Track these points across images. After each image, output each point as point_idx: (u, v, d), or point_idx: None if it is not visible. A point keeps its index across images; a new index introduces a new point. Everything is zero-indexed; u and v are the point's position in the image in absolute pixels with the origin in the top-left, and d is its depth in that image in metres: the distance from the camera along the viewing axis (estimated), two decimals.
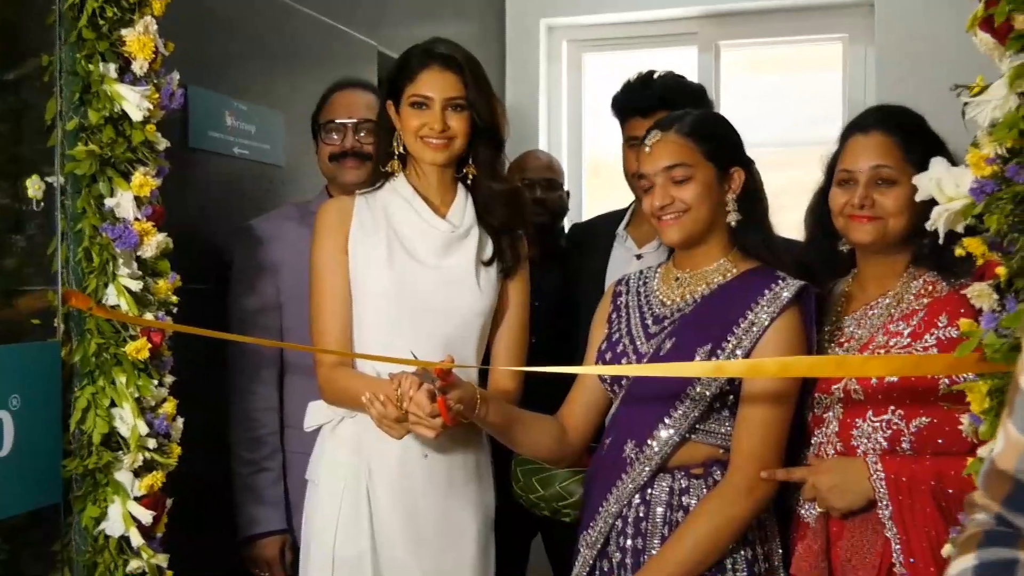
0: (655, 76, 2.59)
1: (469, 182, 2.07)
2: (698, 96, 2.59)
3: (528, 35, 4.24)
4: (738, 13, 4.10)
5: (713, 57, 4.18)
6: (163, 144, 1.83)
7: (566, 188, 3.28)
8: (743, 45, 4.23)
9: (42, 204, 1.76)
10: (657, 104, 2.48)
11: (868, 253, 1.86)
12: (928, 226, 1.57)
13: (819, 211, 1.93)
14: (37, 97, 1.78)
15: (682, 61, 4.18)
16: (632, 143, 2.55)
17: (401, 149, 2.05)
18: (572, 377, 2.03)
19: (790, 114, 4.25)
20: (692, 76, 4.12)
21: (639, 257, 2.59)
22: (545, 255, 2.84)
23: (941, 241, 1.56)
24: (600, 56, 4.40)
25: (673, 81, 2.59)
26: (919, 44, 3.69)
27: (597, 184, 4.41)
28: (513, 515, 2.51)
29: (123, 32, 1.76)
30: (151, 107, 1.77)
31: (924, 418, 1.69)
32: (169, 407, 1.83)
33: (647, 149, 1.86)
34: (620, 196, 2.82)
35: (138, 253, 1.80)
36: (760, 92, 4.27)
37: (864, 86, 3.98)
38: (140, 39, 1.74)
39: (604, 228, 2.75)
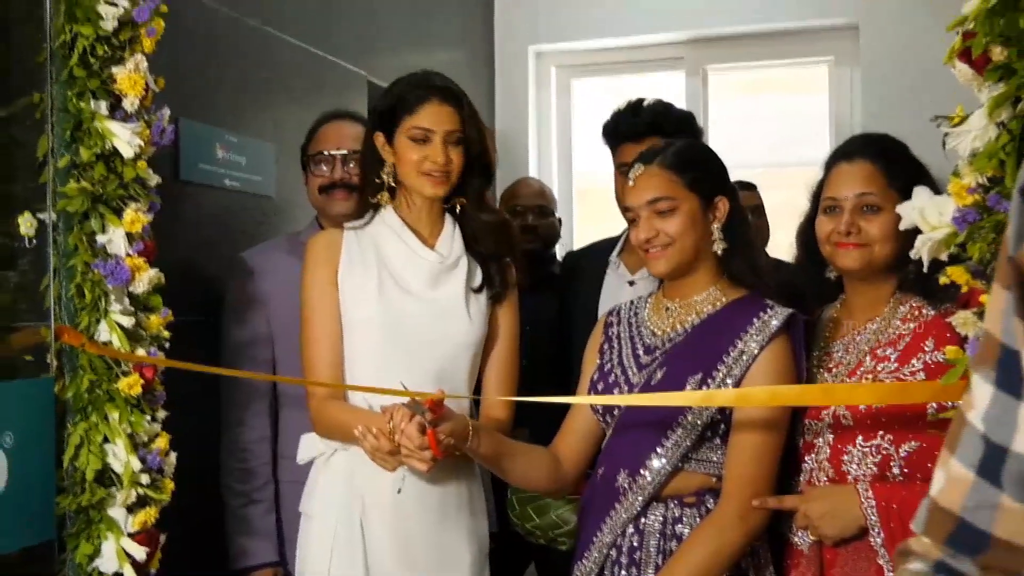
0: (644, 104, 2.62)
1: (457, 211, 2.09)
2: (686, 123, 2.62)
3: (517, 61, 4.27)
4: (725, 37, 4.14)
5: (701, 81, 4.21)
6: (154, 180, 1.84)
7: (558, 215, 3.30)
8: (730, 69, 4.26)
9: (34, 241, 1.77)
10: (647, 131, 2.51)
11: (855, 280, 1.88)
12: (912, 255, 1.59)
13: (806, 238, 1.94)
14: (28, 135, 1.80)
15: (670, 85, 4.21)
16: (623, 169, 2.58)
17: (391, 181, 2.06)
18: (566, 404, 2.04)
19: (778, 136, 4.29)
20: (680, 100, 4.19)
21: (632, 284, 2.61)
22: (537, 282, 2.86)
23: (925, 269, 1.57)
24: (589, 81, 4.43)
25: (662, 108, 2.62)
26: (904, 67, 3.73)
27: (586, 210, 4.43)
28: (508, 544, 2.51)
29: (114, 70, 1.77)
30: (142, 143, 1.78)
31: (913, 443, 1.70)
32: (162, 442, 1.83)
33: (631, 182, 1.88)
34: (609, 222, 2.84)
35: (130, 289, 1.80)
36: (748, 115, 4.31)
37: (851, 108, 4.01)
38: (131, 77, 1.76)
39: (597, 255, 2.77)
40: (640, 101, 2.66)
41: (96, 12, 1.72)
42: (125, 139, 1.75)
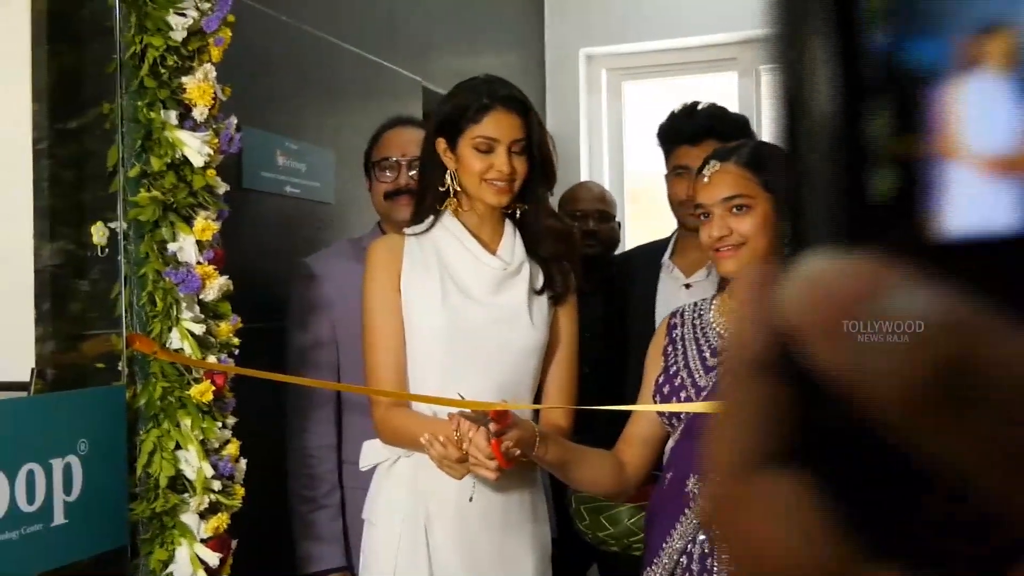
0: (699, 106, 2.61)
1: (517, 217, 2.08)
2: (742, 126, 2.60)
3: (568, 65, 4.26)
4: None
5: (754, 82, 4.17)
6: (223, 188, 1.86)
7: (617, 219, 3.29)
8: None
9: (106, 250, 1.79)
10: (703, 133, 2.49)
11: None
12: None
13: None
14: (98, 145, 1.82)
15: (723, 87, 4.18)
16: (679, 171, 2.56)
17: (456, 187, 2.05)
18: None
19: None
20: (733, 101, 4.17)
21: (688, 287, 2.59)
22: (598, 286, 2.85)
23: None
24: (640, 84, 4.41)
25: (718, 111, 2.61)
26: None
27: (638, 212, 4.41)
28: (568, 546, 2.50)
29: (183, 80, 1.79)
30: (211, 152, 1.80)
31: None
32: (232, 449, 1.85)
33: (705, 179, 1.86)
34: (660, 224, 2.82)
35: (200, 296, 1.82)
36: None
37: None
38: (200, 86, 1.77)
39: (648, 258, 2.75)
40: (695, 104, 2.65)
41: (166, 23, 1.74)
42: (195, 148, 1.76)
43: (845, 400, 0.24)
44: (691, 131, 2.55)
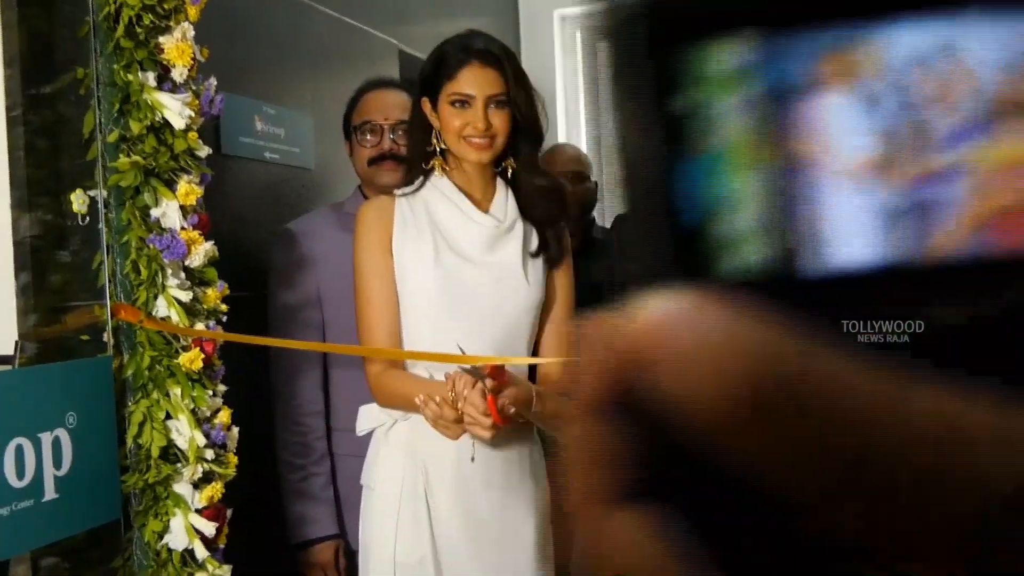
0: None
1: (509, 176, 2.05)
2: None
3: (542, 26, 4.21)
4: None
5: None
6: (205, 151, 1.81)
7: (594, 179, 3.26)
8: None
9: (87, 218, 1.74)
10: None
11: None
12: None
13: None
14: (74, 110, 1.77)
15: None
16: None
17: (441, 146, 2.02)
18: None
19: None
20: None
21: None
22: (578, 247, 2.82)
23: None
24: None
25: None
26: None
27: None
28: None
29: (161, 40, 1.74)
30: (192, 114, 1.75)
31: None
32: (224, 416, 1.82)
33: None
34: None
35: (186, 263, 1.78)
36: None
37: None
38: (179, 46, 1.72)
39: None
40: None
41: None
42: (176, 110, 1.72)
43: (681, 430, 0.24)
44: None
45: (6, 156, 1.76)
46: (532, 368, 2.06)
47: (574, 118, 4.35)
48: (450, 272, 1.95)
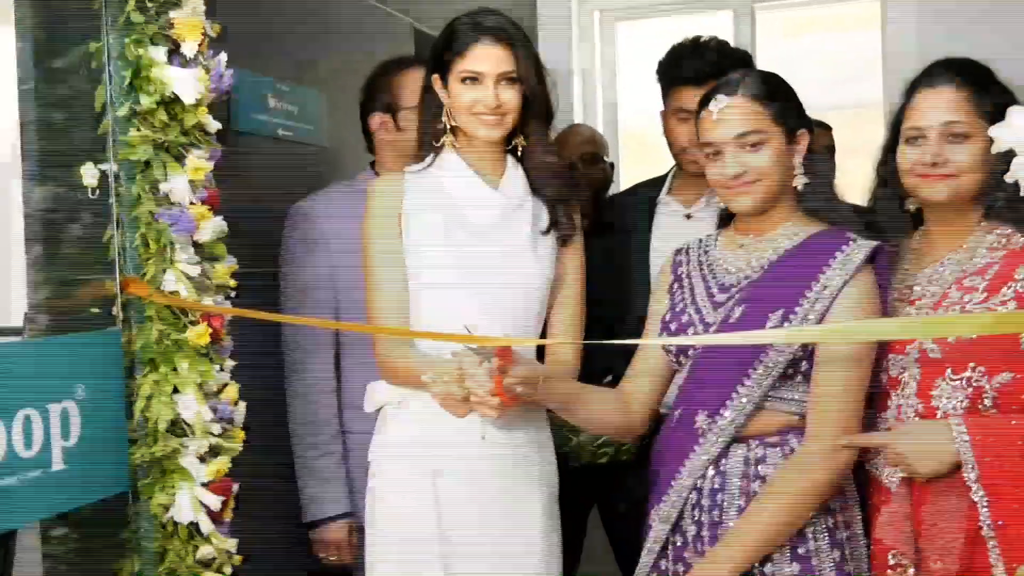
0: (705, 42, 2.52)
1: (519, 153, 2.04)
2: (747, 63, 2.53)
3: (559, 5, 4.18)
4: None
5: (749, 21, 4.11)
6: (215, 126, 1.80)
7: (609, 160, 3.24)
8: (778, 7, 4.15)
9: (97, 192, 1.74)
10: (708, 72, 2.41)
11: (938, 210, 1.81)
12: (1008, 178, 1.53)
13: (885, 168, 1.88)
14: (86, 84, 1.76)
15: (716, 26, 4.11)
16: (682, 115, 2.48)
17: (452, 123, 2.01)
18: (629, 348, 2.00)
19: (827, 76, 4.18)
20: (727, 40, 4.09)
21: (689, 217, 2.54)
22: (592, 228, 2.80)
23: (1023, 193, 1.51)
24: (633, 24, 4.34)
25: (723, 47, 2.53)
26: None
27: (634, 153, 4.36)
28: (568, 489, 2.49)
29: (171, 14, 1.73)
30: (203, 89, 1.75)
31: (1007, 374, 1.65)
32: (231, 392, 1.82)
33: (713, 116, 1.81)
34: (655, 165, 2.77)
35: (194, 237, 1.78)
36: (796, 55, 4.20)
37: (903, 46, 3.88)
38: (189, 21, 1.72)
39: (643, 196, 2.70)
40: (698, 39, 2.57)
41: None
42: (187, 85, 1.71)
43: None
44: (695, 70, 2.46)
45: (18, 129, 1.76)
46: (540, 347, 2.05)
47: (591, 98, 4.32)
48: (460, 248, 1.95)
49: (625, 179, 4.18)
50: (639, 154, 4.29)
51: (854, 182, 2.05)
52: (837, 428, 1.70)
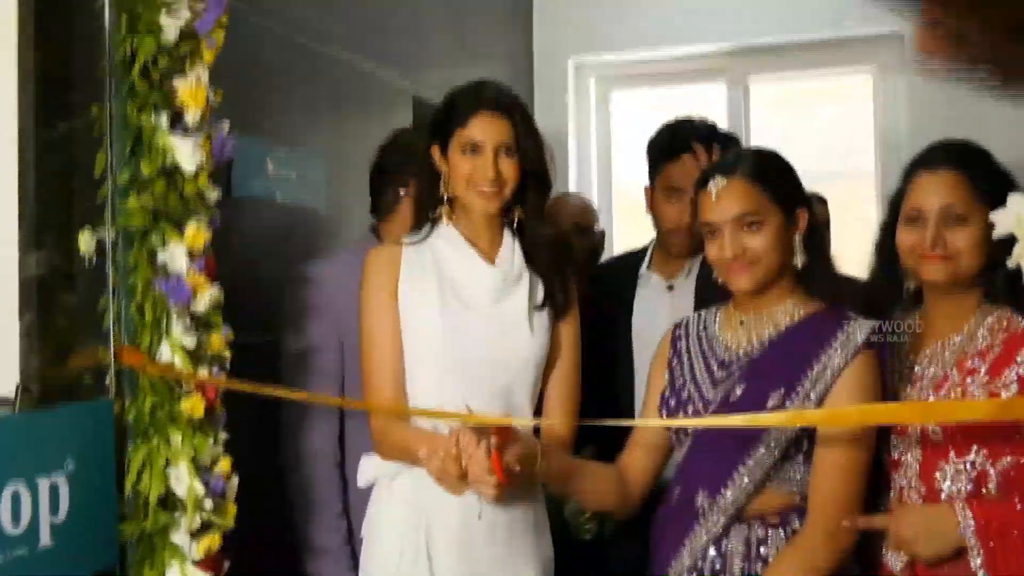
0: (694, 122, 2.54)
1: (515, 225, 2.04)
2: (734, 143, 2.56)
3: (556, 73, 4.23)
4: (766, 48, 4.08)
5: (742, 92, 4.15)
6: (215, 194, 1.80)
7: (600, 228, 3.23)
8: (772, 80, 4.20)
9: (94, 260, 1.73)
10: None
11: (938, 291, 1.81)
12: (1010, 264, 1.53)
13: (884, 248, 1.88)
14: (86, 150, 1.75)
15: (711, 97, 4.16)
16: (671, 194, 2.49)
17: (449, 193, 2.01)
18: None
19: (821, 148, 4.22)
20: (722, 111, 4.14)
21: (671, 288, 2.54)
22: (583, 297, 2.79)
23: None
24: (628, 93, 4.39)
25: (712, 129, 2.55)
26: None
27: (628, 218, 4.37)
28: (564, 565, 2.45)
29: (175, 82, 1.73)
30: (203, 157, 1.74)
31: (1009, 458, 1.63)
32: (224, 465, 1.78)
33: (712, 197, 1.81)
34: (648, 232, 2.77)
35: (191, 307, 1.76)
36: (790, 126, 4.24)
37: (896, 118, 3.94)
38: (193, 89, 1.72)
39: (624, 268, 2.70)
40: (689, 120, 2.59)
41: (157, 24, 1.68)
42: (187, 153, 1.70)
43: None
44: (683, 151, 2.48)
45: (16, 193, 1.75)
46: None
47: (585, 165, 4.35)
48: (456, 321, 1.93)
49: (619, 244, 4.20)
50: (634, 219, 4.31)
51: (847, 253, 2.06)
52: (839, 509, 1.68)
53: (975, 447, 1.66)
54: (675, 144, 2.51)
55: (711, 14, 4.04)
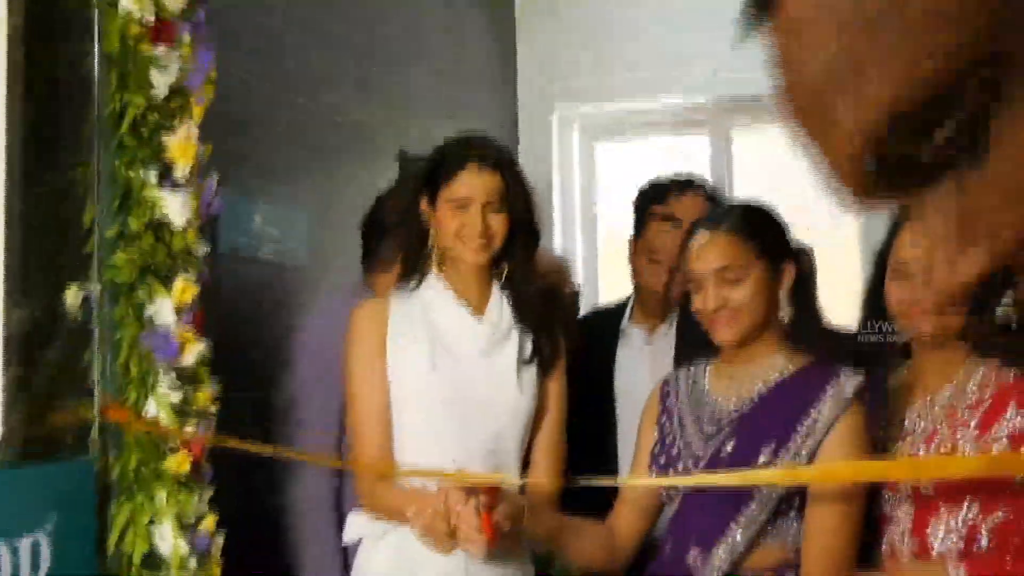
0: (682, 182, 2.57)
1: (504, 278, 2.03)
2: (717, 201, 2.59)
3: (540, 125, 4.25)
4: (749, 99, 4.12)
5: (724, 143, 4.19)
6: (203, 250, 1.79)
7: (575, 287, 3.21)
8: (755, 131, 4.24)
9: (80, 315, 1.71)
10: (682, 213, 2.46)
11: (927, 343, 1.81)
12: (998, 316, 1.54)
13: (873, 301, 1.88)
14: (73, 204, 1.75)
15: (694, 148, 4.19)
16: (652, 255, 2.51)
17: (438, 246, 2.00)
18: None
19: (803, 196, 4.25)
20: (704, 162, 4.18)
21: (650, 345, 2.56)
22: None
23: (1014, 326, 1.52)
24: (612, 144, 4.42)
25: (703, 186, 2.58)
26: None
27: (613, 266, 4.38)
28: None
29: (164, 138, 1.73)
30: (192, 212, 1.74)
31: (1000, 513, 1.63)
32: (209, 523, 1.76)
33: (693, 250, 1.82)
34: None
35: (178, 362, 1.74)
36: (774, 175, 4.27)
37: None
38: (182, 145, 1.72)
39: (603, 322, 2.71)
40: (678, 178, 2.62)
41: (148, 80, 1.68)
42: (176, 208, 1.71)
43: None
44: (669, 212, 2.51)
45: (2, 247, 1.74)
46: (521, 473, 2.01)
47: (569, 216, 4.37)
48: (444, 376, 1.92)
49: (605, 293, 4.20)
50: (618, 269, 4.32)
51: (835, 304, 2.06)
52: (833, 565, 1.67)
53: (966, 503, 1.65)
54: (661, 204, 2.53)
55: (693, 65, 4.08)
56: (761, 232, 1.82)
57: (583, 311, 3.25)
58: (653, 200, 2.57)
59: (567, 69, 4.23)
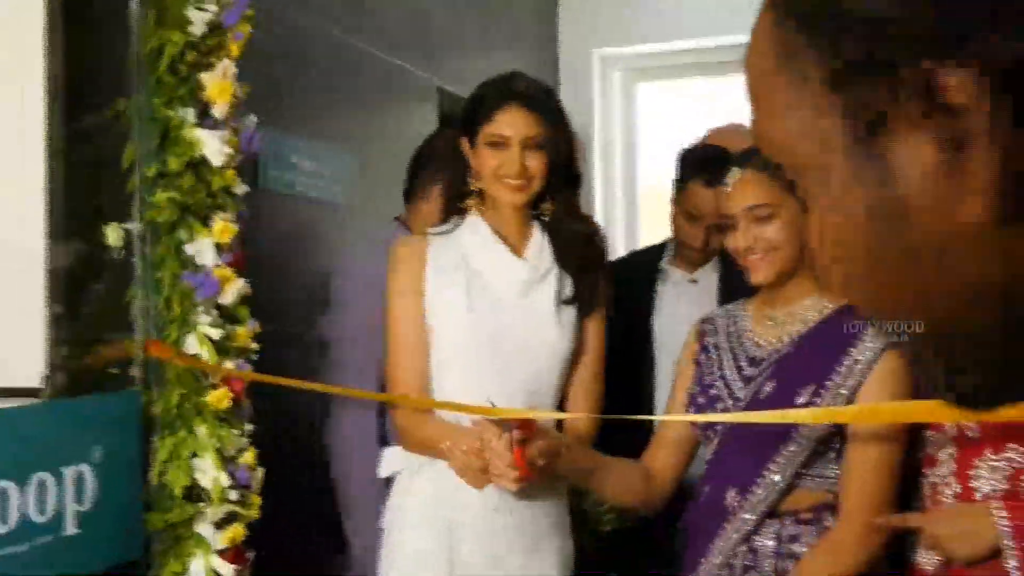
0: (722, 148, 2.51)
1: (545, 219, 2.02)
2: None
3: (581, 66, 4.20)
4: None
5: None
6: (242, 189, 1.80)
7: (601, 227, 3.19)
8: None
9: (122, 252, 1.73)
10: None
11: None
12: None
13: None
14: (114, 143, 1.76)
15: (738, 89, 4.12)
16: (692, 217, 2.47)
17: (478, 186, 1.99)
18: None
19: None
20: (747, 105, 4.09)
21: (694, 282, 2.53)
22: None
23: None
24: (654, 85, 4.36)
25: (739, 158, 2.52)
26: None
27: (651, 214, 4.35)
28: (587, 562, 2.44)
29: (202, 76, 1.73)
30: (231, 152, 1.74)
31: None
32: (249, 457, 1.79)
33: (727, 188, 1.79)
34: None
35: (218, 300, 1.76)
36: None
37: None
38: (220, 84, 1.72)
39: (643, 262, 2.69)
40: (716, 146, 2.56)
41: (186, 17, 1.67)
42: (215, 147, 1.70)
43: None
44: (709, 176, 2.46)
45: (44, 185, 1.75)
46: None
47: (610, 159, 4.33)
48: (482, 316, 1.92)
49: (644, 237, 4.17)
50: (658, 213, 4.28)
51: None
52: (871, 507, 1.66)
53: (1011, 444, 1.63)
54: (700, 169, 2.48)
55: (738, 5, 3.99)
56: None
57: (623, 252, 3.24)
58: (700, 162, 2.53)
59: (609, 8, 4.16)
